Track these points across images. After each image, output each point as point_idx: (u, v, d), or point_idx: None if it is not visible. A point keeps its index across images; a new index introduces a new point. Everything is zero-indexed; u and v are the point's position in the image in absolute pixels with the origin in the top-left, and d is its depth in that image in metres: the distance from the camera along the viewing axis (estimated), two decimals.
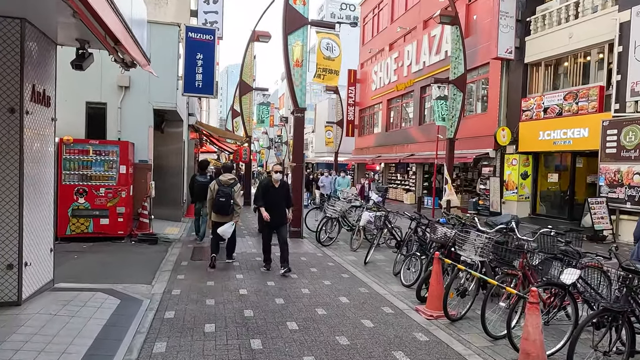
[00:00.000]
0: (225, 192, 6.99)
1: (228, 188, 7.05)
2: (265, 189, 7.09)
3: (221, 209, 7.01)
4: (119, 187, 8.72)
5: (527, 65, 16.14)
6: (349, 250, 9.23)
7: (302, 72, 10.46)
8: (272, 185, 7.08)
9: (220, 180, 7.11)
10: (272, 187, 7.07)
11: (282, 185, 7.22)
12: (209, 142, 24.41)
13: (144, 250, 8.33)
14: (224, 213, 7.05)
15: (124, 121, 9.50)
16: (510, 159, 16.47)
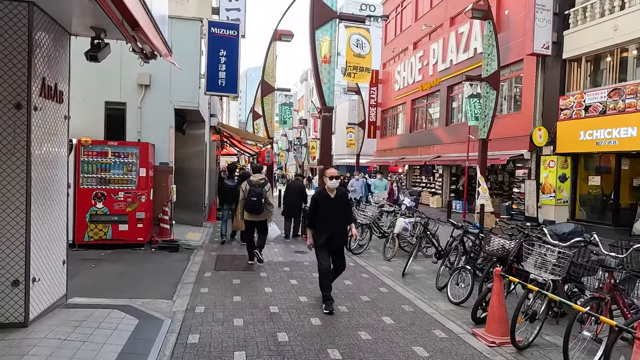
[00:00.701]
0: (256, 192, 7.22)
1: (259, 188, 7.27)
2: (318, 202, 5.40)
3: (253, 208, 7.24)
4: (139, 191, 8.25)
5: (566, 61, 15.16)
6: (382, 259, 8.56)
7: (330, 68, 9.86)
8: (327, 197, 5.37)
9: (251, 180, 7.35)
10: (327, 198, 5.36)
11: (340, 195, 5.49)
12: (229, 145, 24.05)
13: (165, 258, 7.82)
14: (256, 212, 7.28)
15: (144, 122, 9.05)
16: (547, 161, 15.50)
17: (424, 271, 7.63)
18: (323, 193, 5.43)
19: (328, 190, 5.41)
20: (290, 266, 7.56)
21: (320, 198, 5.43)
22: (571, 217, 15.45)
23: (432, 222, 7.54)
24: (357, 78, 9.74)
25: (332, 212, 5.32)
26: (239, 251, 8.76)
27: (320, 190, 5.56)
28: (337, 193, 5.43)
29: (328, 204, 5.34)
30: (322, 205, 5.35)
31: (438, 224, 7.51)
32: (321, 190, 5.52)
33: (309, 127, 50.64)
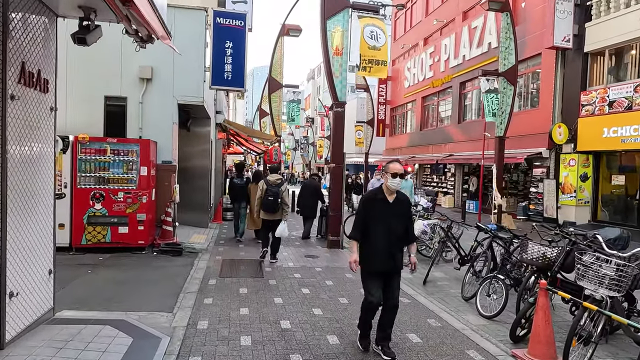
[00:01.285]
0: (273, 191, 7.35)
1: (276, 188, 7.39)
2: (369, 206, 3.96)
3: (269, 207, 7.35)
4: (140, 191, 7.74)
5: (588, 54, 14.45)
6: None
7: (342, 61, 9.28)
8: (383, 200, 3.91)
9: (268, 180, 7.49)
10: (383, 202, 3.91)
11: (401, 201, 3.98)
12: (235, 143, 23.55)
13: (167, 263, 7.30)
14: (272, 211, 7.38)
15: (145, 117, 8.55)
16: (568, 159, 14.81)
17: (446, 278, 7.04)
18: (378, 195, 3.96)
19: (386, 191, 3.93)
20: (301, 272, 7.01)
21: (372, 201, 3.95)
22: (593, 219, 14.76)
23: (455, 225, 6.94)
24: (374, 72, 9.13)
25: (389, 222, 3.86)
26: (245, 255, 8.24)
27: (375, 192, 4.07)
28: (397, 197, 3.95)
29: (384, 210, 3.87)
30: (375, 212, 3.88)
31: (462, 227, 6.91)
32: (376, 191, 4.06)
33: (316, 125, 50.12)
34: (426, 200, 9.42)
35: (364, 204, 4.03)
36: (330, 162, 9.46)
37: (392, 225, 3.88)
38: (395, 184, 3.90)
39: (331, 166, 9.40)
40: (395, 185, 3.90)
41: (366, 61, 9.16)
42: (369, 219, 3.91)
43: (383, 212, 3.89)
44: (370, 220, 3.90)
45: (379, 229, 3.86)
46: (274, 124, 17.71)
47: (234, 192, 9.93)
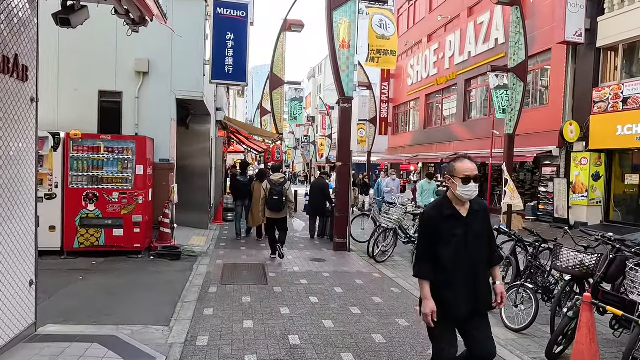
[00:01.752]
0: (277, 190, 7.46)
1: (279, 187, 7.51)
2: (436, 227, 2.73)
3: (274, 206, 7.46)
4: (135, 191, 7.29)
5: (600, 49, 14.00)
6: (411, 269, 7.52)
7: (349, 54, 8.82)
8: (455, 217, 2.72)
9: (271, 179, 7.58)
10: (455, 219, 2.72)
11: (477, 211, 2.79)
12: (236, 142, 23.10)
13: (164, 268, 6.85)
14: (277, 210, 7.51)
15: (142, 113, 8.10)
16: (579, 158, 14.36)
17: None
18: (444, 209, 2.73)
19: (455, 202, 2.73)
20: (308, 278, 6.56)
21: (439, 220, 2.71)
22: (605, 219, 14.31)
23: None
24: (382, 63, 8.68)
25: (468, 243, 2.66)
26: (248, 259, 7.79)
27: (438, 205, 2.80)
28: (472, 207, 2.75)
29: (458, 229, 2.67)
30: (445, 234, 2.67)
31: None
32: (439, 204, 2.80)
33: (317, 124, 49.65)
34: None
35: (427, 225, 2.78)
36: (336, 160, 9.00)
37: (472, 247, 2.67)
38: (469, 192, 2.66)
39: (337, 165, 8.94)
40: (470, 194, 2.67)
41: (374, 51, 8.71)
42: (437, 245, 2.68)
43: (457, 232, 2.66)
44: (439, 247, 2.67)
45: (455, 257, 2.65)
46: (276, 121, 17.28)
47: (238, 190, 10.08)
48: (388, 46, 8.68)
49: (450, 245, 2.67)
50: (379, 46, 8.65)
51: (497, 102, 13.35)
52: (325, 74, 57.80)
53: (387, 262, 7.94)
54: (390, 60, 8.69)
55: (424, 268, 2.73)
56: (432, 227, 2.74)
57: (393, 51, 8.75)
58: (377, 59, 8.65)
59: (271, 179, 7.62)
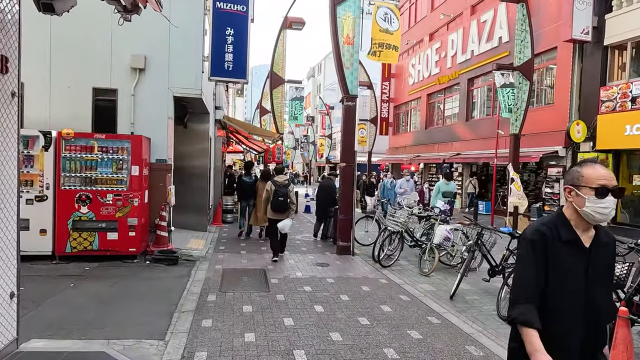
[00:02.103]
0: (282, 192, 7.54)
1: (284, 188, 7.60)
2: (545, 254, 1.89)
3: (279, 207, 7.52)
4: (131, 192, 6.96)
5: (607, 47, 13.70)
6: (418, 274, 7.22)
7: (353, 50, 8.51)
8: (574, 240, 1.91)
9: (276, 181, 7.64)
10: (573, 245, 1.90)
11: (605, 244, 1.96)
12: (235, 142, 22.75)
13: (161, 274, 6.52)
14: (282, 211, 7.56)
15: (138, 111, 7.77)
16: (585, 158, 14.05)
17: (474, 291, 6.28)
18: (561, 232, 1.92)
19: (577, 224, 1.93)
20: (312, 284, 6.24)
21: (552, 245, 1.90)
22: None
23: (486, 232, 6.16)
24: (384, 57, 8.37)
25: (588, 287, 1.90)
26: (248, 263, 7.46)
27: (553, 224, 1.95)
28: (598, 237, 1.95)
29: (577, 264, 1.90)
30: (560, 266, 1.89)
31: (495, 235, 6.13)
32: (554, 222, 1.96)
33: (317, 124, 49.38)
34: (443, 203, 8.64)
35: (535, 250, 1.91)
36: (339, 161, 8.69)
37: (593, 290, 1.90)
38: (605, 210, 1.86)
39: (341, 166, 8.63)
40: (606, 213, 1.86)
41: (376, 45, 8.39)
42: (546, 279, 1.89)
43: (576, 267, 1.90)
44: (550, 282, 1.89)
45: (569, 299, 1.89)
46: (276, 121, 16.94)
47: (243, 190, 10.24)
48: (391, 41, 8.37)
49: (563, 282, 1.87)
50: (381, 40, 8.34)
51: (503, 101, 13.05)
52: (324, 73, 57.52)
53: (393, 266, 7.62)
54: (392, 55, 8.37)
55: (528, 311, 1.83)
56: (543, 254, 1.89)
57: (395, 46, 8.45)
58: (378, 52, 8.34)
59: (276, 180, 7.73)
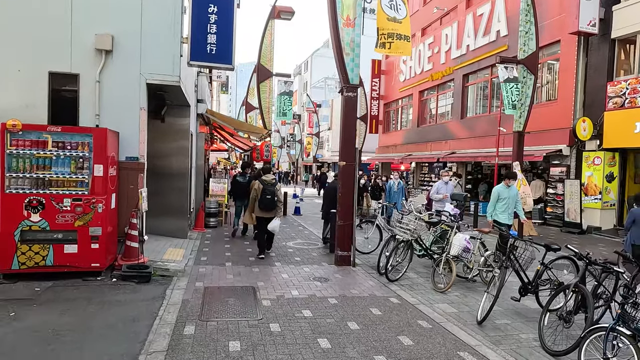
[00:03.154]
0: (270, 190, 7.72)
1: (271, 187, 7.78)
2: None
3: (267, 205, 7.71)
4: (93, 197, 5.82)
5: (615, 40, 13.00)
6: (432, 289, 6.26)
7: (354, 34, 7.50)
8: None
9: (264, 180, 7.83)
10: None
11: None
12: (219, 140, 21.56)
13: (129, 295, 5.40)
14: (269, 209, 7.76)
15: (104, 101, 6.61)
16: (592, 157, 13.36)
17: (502, 313, 5.33)
18: None
19: None
20: (312, 307, 5.21)
21: None
22: (618, 223, 13.33)
23: (520, 244, 5.19)
24: (395, 49, 7.37)
25: None
26: (235, 279, 6.39)
27: None
28: None
29: None
30: None
31: (531, 247, 5.16)
32: None
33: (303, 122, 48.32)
34: (453, 206, 7.71)
35: None
36: (339, 159, 7.68)
37: None
38: None
39: (340, 164, 7.61)
40: None
41: (385, 36, 7.38)
42: None
43: None
44: None
45: None
46: (263, 117, 15.83)
47: (238, 190, 10.26)
48: (401, 30, 7.38)
49: None
50: (390, 29, 7.34)
51: (507, 97, 12.21)
52: (311, 71, 56.48)
53: (402, 280, 6.65)
54: (404, 46, 7.37)
55: None
56: None
57: (407, 36, 7.45)
58: (388, 44, 7.33)
59: (263, 180, 7.86)
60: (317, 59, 56.30)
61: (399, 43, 7.27)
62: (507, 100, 12.29)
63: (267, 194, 7.67)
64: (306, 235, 10.94)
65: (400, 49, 7.34)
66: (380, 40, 7.39)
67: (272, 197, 7.68)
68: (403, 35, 7.39)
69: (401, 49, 7.34)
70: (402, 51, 7.40)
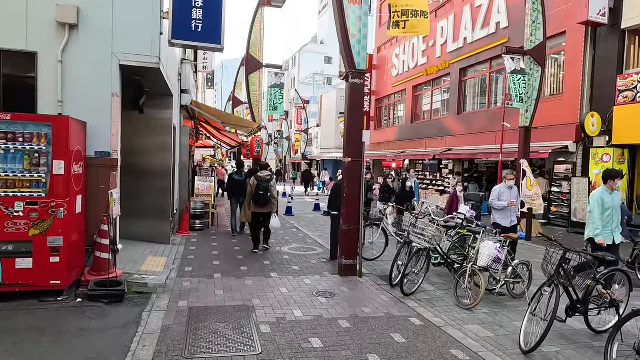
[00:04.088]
0: (264, 186, 7.88)
1: (266, 183, 7.93)
2: None
3: (260, 201, 7.87)
4: (53, 199, 4.79)
5: (625, 31, 12.34)
6: (454, 304, 5.41)
7: (361, 12, 6.58)
8: None
9: (259, 176, 7.99)
10: None
11: None
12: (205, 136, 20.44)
13: (95, 322, 4.39)
14: (263, 204, 7.93)
15: (69, 85, 5.57)
16: (600, 154, 12.69)
17: (553, 340, 4.45)
18: None
19: None
20: (320, 334, 4.29)
21: None
22: (627, 223, 12.71)
23: (573, 255, 4.33)
24: (410, 28, 6.46)
25: None
26: (226, 295, 5.43)
27: None
28: None
29: None
30: None
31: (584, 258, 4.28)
32: None
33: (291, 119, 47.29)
34: (468, 208, 6.87)
35: None
36: (343, 155, 6.78)
37: None
38: None
39: (346, 161, 6.70)
40: None
41: (399, 13, 6.46)
42: None
43: None
44: None
45: None
46: (253, 111, 14.78)
47: (234, 187, 10.16)
48: (417, 5, 6.47)
49: None
50: (404, 6, 6.43)
51: (514, 89, 11.45)
52: (299, 66, 55.45)
53: (418, 293, 5.78)
54: (421, 24, 6.46)
55: None
56: None
57: (424, 12, 6.54)
58: (403, 23, 6.42)
59: (259, 176, 8.04)
60: (305, 55, 55.30)
61: (415, 21, 6.36)
62: (514, 93, 11.53)
63: (260, 190, 7.87)
64: (301, 238, 10.01)
65: (417, 27, 6.43)
66: (393, 19, 6.48)
67: (265, 193, 7.87)
68: (420, 11, 6.48)
69: (417, 27, 6.43)
70: (418, 30, 6.49)
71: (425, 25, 6.51)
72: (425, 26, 6.47)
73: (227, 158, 37.45)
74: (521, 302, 5.67)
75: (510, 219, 6.92)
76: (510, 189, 7.04)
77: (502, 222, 6.84)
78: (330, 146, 38.67)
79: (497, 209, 6.83)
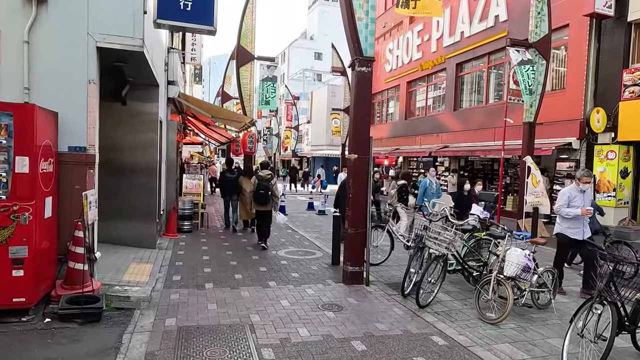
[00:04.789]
0: (264, 185, 8.11)
1: (266, 182, 8.16)
2: None
3: (261, 199, 8.13)
4: (15, 202, 4.07)
5: (632, 24, 11.92)
6: (476, 317, 4.83)
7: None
8: None
9: (260, 175, 8.27)
10: None
11: None
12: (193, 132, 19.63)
13: (65, 348, 3.70)
14: (264, 203, 8.16)
15: (37, 69, 4.83)
16: (605, 151, 12.28)
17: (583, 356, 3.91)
18: None
19: None
20: (332, 358, 3.66)
21: None
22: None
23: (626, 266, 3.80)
24: (421, 8, 5.90)
25: None
26: (220, 309, 4.77)
27: None
28: None
29: None
30: None
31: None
32: None
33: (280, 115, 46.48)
34: (481, 209, 6.30)
35: None
36: (348, 151, 6.15)
37: None
38: None
39: (351, 158, 6.07)
40: None
41: None
42: None
43: None
44: None
45: None
46: (244, 106, 14.04)
47: (226, 185, 10.25)
48: None
49: None
50: None
51: (523, 81, 10.92)
52: (289, 62, 54.64)
53: (434, 305, 5.20)
54: (434, 5, 5.90)
55: None
56: None
57: None
58: (413, 2, 5.83)
59: (259, 175, 8.24)
60: (295, 50, 54.52)
61: (427, 1, 5.74)
62: (523, 84, 11.00)
63: (261, 189, 8.08)
64: (298, 240, 9.37)
65: (428, 8, 5.84)
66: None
67: (265, 192, 8.07)
68: None
69: (429, 8, 5.84)
70: (430, 11, 5.91)
71: (438, 7, 5.93)
72: (437, 8, 5.89)
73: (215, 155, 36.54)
74: (547, 313, 5.14)
75: (583, 230, 5.70)
76: (583, 193, 5.71)
77: (573, 234, 5.64)
78: (321, 143, 38.08)
79: (567, 217, 5.58)
